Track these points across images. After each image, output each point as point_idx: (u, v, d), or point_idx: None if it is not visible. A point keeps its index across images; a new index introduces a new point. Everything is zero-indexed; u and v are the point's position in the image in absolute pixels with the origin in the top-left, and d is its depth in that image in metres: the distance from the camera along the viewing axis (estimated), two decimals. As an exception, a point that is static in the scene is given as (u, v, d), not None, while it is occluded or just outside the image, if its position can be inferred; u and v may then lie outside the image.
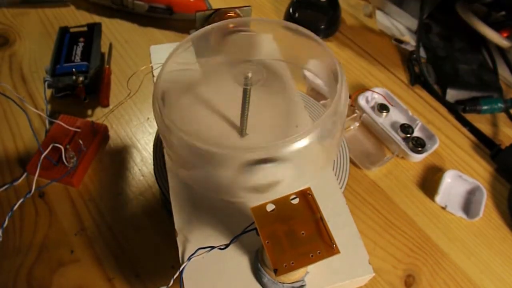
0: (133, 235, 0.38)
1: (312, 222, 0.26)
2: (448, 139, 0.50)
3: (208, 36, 0.34)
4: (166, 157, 0.33)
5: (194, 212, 0.33)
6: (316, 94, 0.50)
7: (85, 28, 0.53)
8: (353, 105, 0.50)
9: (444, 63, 0.56)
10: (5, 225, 0.36)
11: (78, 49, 0.50)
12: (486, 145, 0.50)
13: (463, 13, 0.57)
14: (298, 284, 0.29)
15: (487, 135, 0.50)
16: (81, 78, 0.45)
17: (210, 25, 0.33)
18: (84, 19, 0.57)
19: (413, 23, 0.61)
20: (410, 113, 0.49)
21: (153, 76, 0.37)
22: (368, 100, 0.50)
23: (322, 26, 0.60)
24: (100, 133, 0.44)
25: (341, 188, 0.40)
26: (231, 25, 0.35)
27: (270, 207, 0.27)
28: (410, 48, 0.59)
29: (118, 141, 0.45)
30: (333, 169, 0.40)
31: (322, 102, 0.46)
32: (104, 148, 0.45)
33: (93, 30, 0.53)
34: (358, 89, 0.51)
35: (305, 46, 0.35)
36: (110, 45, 0.54)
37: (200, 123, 0.34)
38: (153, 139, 0.42)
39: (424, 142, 0.47)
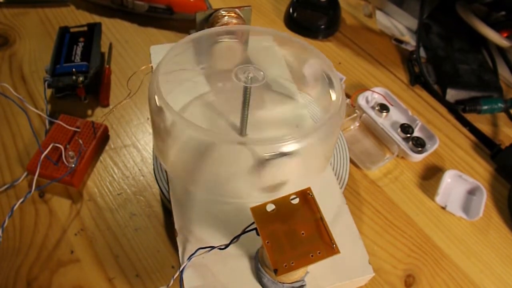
0: (133, 235, 0.38)
1: (312, 222, 0.26)
2: (448, 139, 0.50)
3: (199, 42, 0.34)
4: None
5: (194, 212, 0.33)
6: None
7: (85, 28, 0.53)
8: (353, 105, 0.49)
9: (444, 63, 0.56)
10: (5, 225, 0.36)
11: (78, 49, 0.50)
12: (486, 145, 0.49)
13: (463, 13, 0.57)
14: (298, 284, 0.29)
15: (487, 135, 0.50)
16: (81, 78, 0.45)
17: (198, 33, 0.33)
18: (84, 19, 0.57)
19: (413, 23, 0.61)
20: (410, 113, 0.49)
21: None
22: (368, 100, 0.50)
23: (322, 26, 0.60)
24: (100, 133, 0.44)
25: (341, 188, 0.40)
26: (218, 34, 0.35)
27: (270, 207, 0.27)
28: (410, 48, 0.59)
29: (118, 141, 0.45)
30: (333, 169, 0.40)
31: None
32: (104, 148, 0.45)
33: (93, 30, 0.53)
34: (358, 89, 0.51)
35: (299, 51, 0.36)
36: (110, 45, 0.54)
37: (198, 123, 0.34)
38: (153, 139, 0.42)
39: (424, 142, 0.47)
